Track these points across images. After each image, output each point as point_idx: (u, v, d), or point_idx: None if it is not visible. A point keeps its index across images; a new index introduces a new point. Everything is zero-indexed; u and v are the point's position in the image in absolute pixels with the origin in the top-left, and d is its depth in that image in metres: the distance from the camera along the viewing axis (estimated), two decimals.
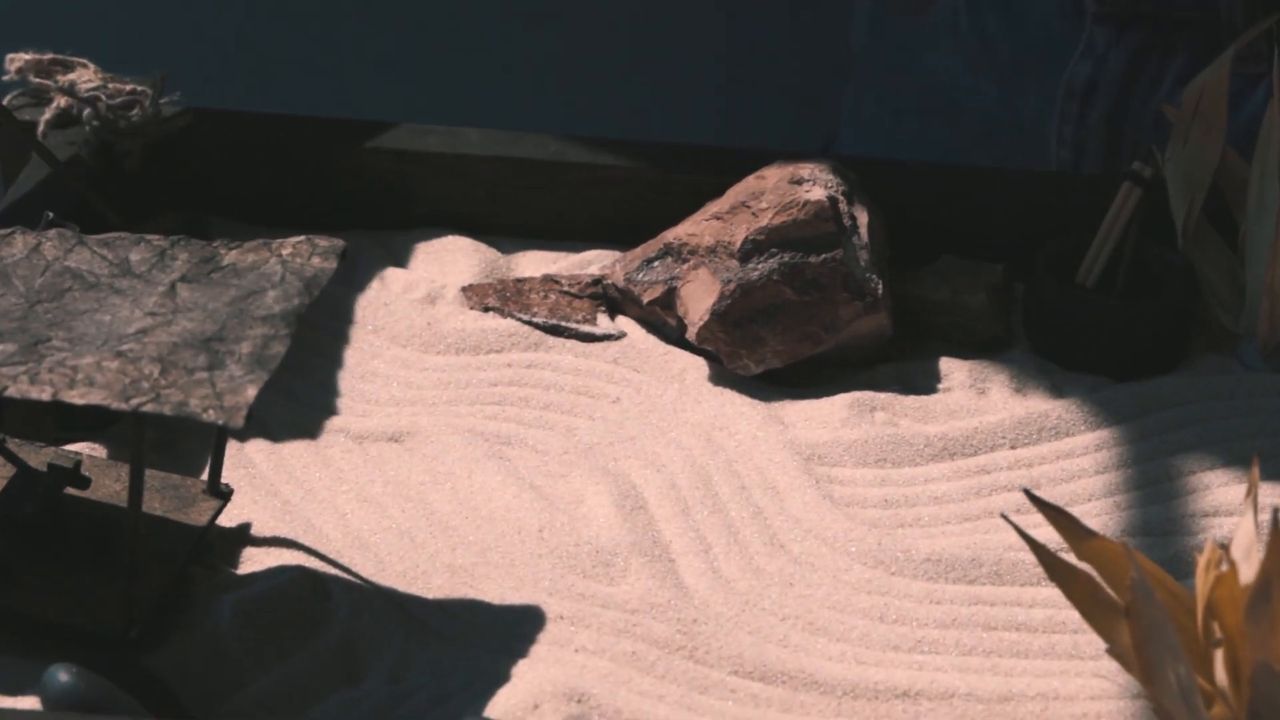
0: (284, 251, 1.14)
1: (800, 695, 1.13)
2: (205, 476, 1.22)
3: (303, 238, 1.15)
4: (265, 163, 1.46)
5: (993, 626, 1.17)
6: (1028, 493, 1.00)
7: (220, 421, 1.03)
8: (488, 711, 1.10)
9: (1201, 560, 0.99)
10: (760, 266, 1.32)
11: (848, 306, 1.33)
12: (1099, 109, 1.61)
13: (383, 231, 1.46)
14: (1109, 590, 1.01)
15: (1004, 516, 0.99)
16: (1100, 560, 1.01)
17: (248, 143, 1.45)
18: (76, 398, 1.03)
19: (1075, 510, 1.25)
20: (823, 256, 1.32)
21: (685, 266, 1.36)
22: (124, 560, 1.09)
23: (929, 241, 1.41)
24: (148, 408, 1.04)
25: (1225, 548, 0.97)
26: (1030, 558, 1.19)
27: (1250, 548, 0.98)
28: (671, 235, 1.37)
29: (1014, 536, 1.22)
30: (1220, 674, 0.99)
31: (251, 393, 1.05)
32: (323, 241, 1.15)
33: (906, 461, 1.28)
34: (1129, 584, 0.96)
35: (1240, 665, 0.97)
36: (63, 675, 1.03)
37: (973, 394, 1.34)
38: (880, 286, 1.33)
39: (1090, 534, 1.01)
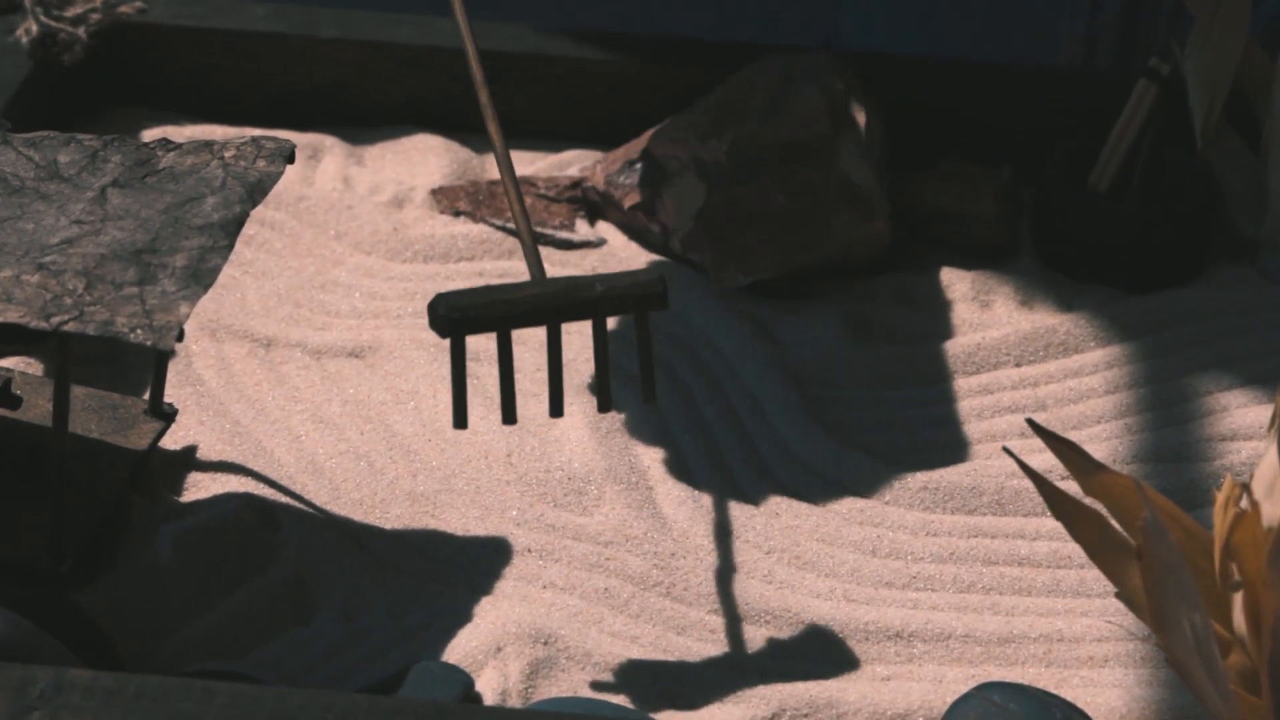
0: (227, 154, 1.05)
1: (785, 635, 1.05)
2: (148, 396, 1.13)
3: (248, 139, 1.06)
4: (222, 55, 1.37)
5: (993, 561, 1.09)
6: (1031, 422, 0.92)
7: (149, 342, 0.95)
8: (447, 654, 1.02)
9: (1220, 497, 0.90)
10: (750, 170, 1.23)
11: (843, 214, 1.24)
12: (1113, 1, 1.52)
13: (348, 128, 1.37)
14: (1118, 529, 0.93)
15: (1006, 450, 0.91)
16: (1109, 496, 0.93)
17: (203, 33, 1.36)
18: None
19: (1083, 434, 1.17)
20: (816, 160, 1.24)
21: (670, 169, 1.27)
22: (51, 489, 1.01)
23: (932, 144, 1.33)
24: (70, 326, 0.95)
25: (1246, 486, 0.89)
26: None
27: (1273, 484, 0.89)
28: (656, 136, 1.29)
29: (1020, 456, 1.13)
30: (1239, 619, 0.91)
31: (184, 310, 0.96)
32: (269, 143, 1.06)
33: (903, 381, 1.20)
34: (1141, 524, 0.88)
35: (1261, 614, 0.89)
36: None
37: (975, 307, 1.25)
38: (878, 192, 1.25)
39: (1099, 467, 0.93)
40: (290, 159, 1.05)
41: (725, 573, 1.07)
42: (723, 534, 1.09)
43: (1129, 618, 1.04)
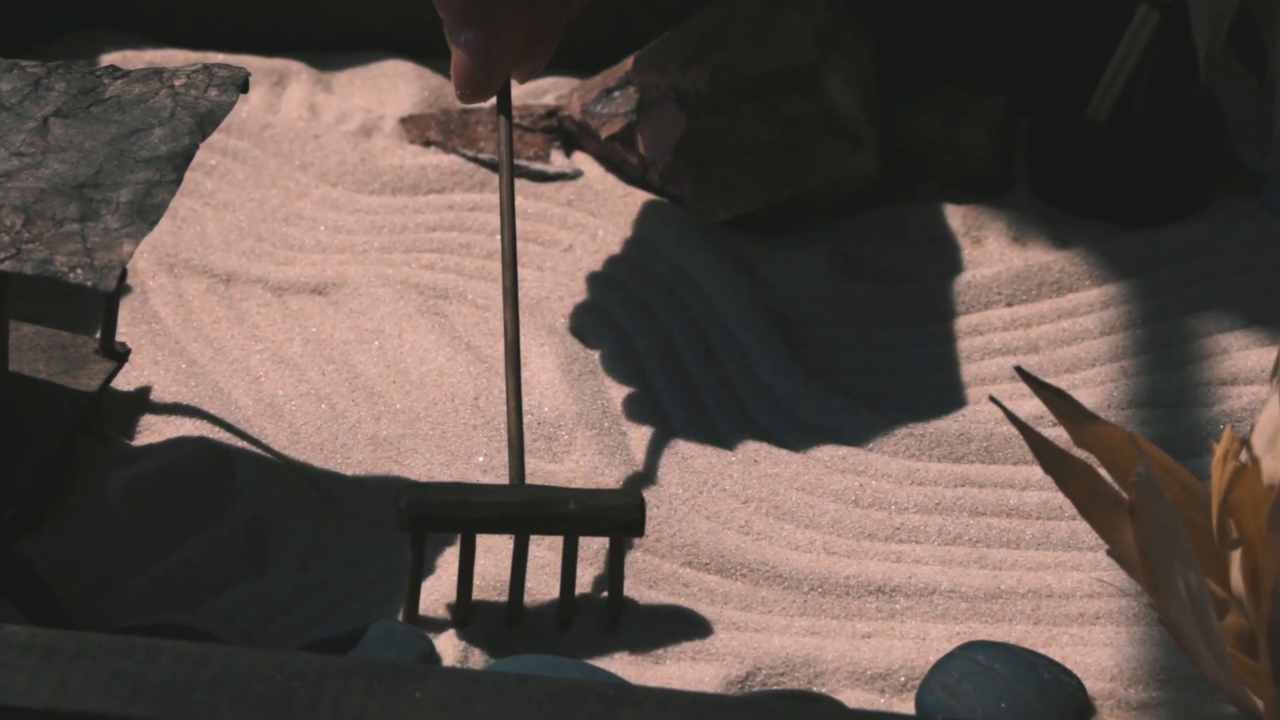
0: (177, 82, 1.00)
1: (762, 590, 1.00)
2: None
3: (199, 66, 1.01)
4: None
5: (980, 512, 1.04)
6: (1019, 370, 0.87)
7: (89, 282, 0.90)
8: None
9: (1218, 450, 0.86)
10: (731, 100, 1.18)
11: (829, 145, 1.19)
12: None
13: (316, 54, 1.31)
14: (1111, 483, 0.88)
15: (993, 400, 0.86)
16: (1102, 448, 0.89)
17: None
18: None
19: (1077, 377, 1.12)
20: (802, 90, 1.19)
21: (649, 98, 1.22)
22: None
23: (923, 71, 1.27)
24: (5, 265, 0.91)
25: (1246, 442, 0.84)
26: None
27: (1274, 438, 0.85)
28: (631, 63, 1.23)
29: (1009, 403, 1.09)
30: (1236, 579, 0.87)
31: (127, 249, 0.91)
32: (222, 71, 1.01)
33: (890, 322, 1.15)
34: (1134, 479, 0.83)
35: (1260, 574, 0.85)
36: None
37: (967, 243, 1.20)
38: (866, 123, 1.20)
39: (1091, 418, 0.88)
40: (244, 88, 1.00)
41: (700, 523, 1.03)
42: (698, 482, 1.05)
43: (1121, 575, 0.99)
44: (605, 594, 0.98)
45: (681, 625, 0.98)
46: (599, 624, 0.97)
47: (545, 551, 1.01)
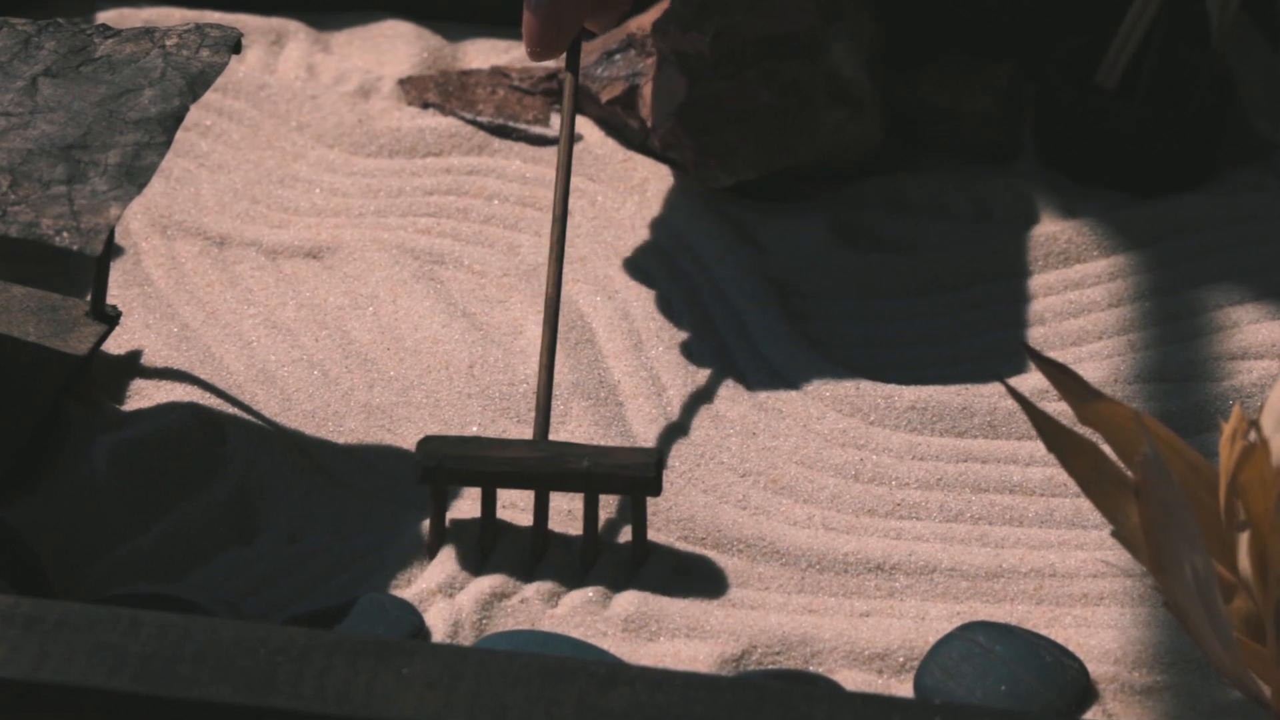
0: (168, 43, 0.98)
1: (758, 566, 0.99)
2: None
3: (192, 26, 0.99)
4: None
5: (983, 488, 1.02)
6: (1024, 345, 0.85)
7: (75, 246, 0.88)
8: (396, 580, 0.96)
9: (1227, 429, 0.84)
10: (733, 64, 1.16)
11: (832, 112, 1.17)
12: None
13: (314, 13, 1.29)
14: (1116, 462, 0.86)
15: (999, 379, 0.84)
16: (1107, 426, 0.86)
17: None
18: None
19: (1084, 350, 1.10)
20: (804, 54, 1.16)
21: (649, 61, 1.20)
22: None
23: (930, 36, 1.25)
24: None
25: (1255, 422, 0.82)
26: None
27: None
28: (636, 25, 1.21)
29: (1014, 377, 1.07)
30: (1244, 562, 0.85)
31: (114, 212, 0.89)
32: (214, 31, 0.99)
33: (892, 292, 1.13)
34: (1139, 459, 0.81)
35: (1268, 557, 0.83)
36: None
37: (971, 213, 1.18)
38: (870, 89, 1.17)
39: (1096, 395, 0.86)
40: (236, 49, 0.98)
41: (696, 497, 1.01)
42: (695, 455, 1.03)
43: (1126, 555, 0.97)
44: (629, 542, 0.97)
45: (676, 601, 0.96)
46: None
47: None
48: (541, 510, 0.96)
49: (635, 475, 0.95)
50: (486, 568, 0.96)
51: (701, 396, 1.06)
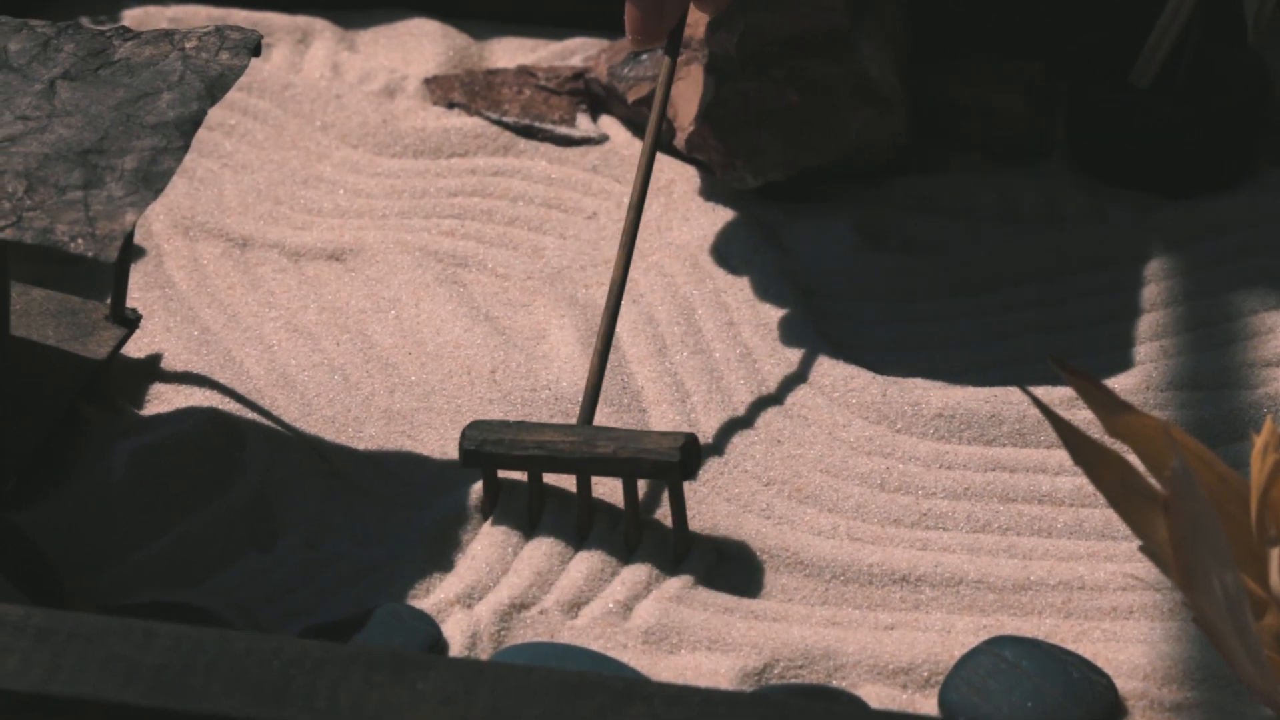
0: (188, 45, 0.97)
1: (781, 577, 0.97)
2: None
3: (212, 28, 0.98)
4: None
5: (1011, 498, 1.01)
6: (1053, 356, 0.84)
7: (89, 253, 0.87)
8: (414, 590, 0.95)
9: (1259, 442, 0.82)
10: (759, 64, 1.14)
11: (859, 111, 1.15)
12: None
13: (340, 11, 1.28)
14: (1145, 475, 0.85)
15: (1024, 389, 0.82)
16: (1136, 438, 0.85)
17: None
18: None
19: (1114, 357, 1.08)
20: (831, 53, 1.15)
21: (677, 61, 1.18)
22: None
23: (957, 33, 1.23)
24: (6, 234, 0.88)
25: None
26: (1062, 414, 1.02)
27: None
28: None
29: (1044, 384, 1.05)
30: (1274, 577, 0.83)
31: (130, 219, 0.88)
32: (234, 33, 0.98)
33: (920, 295, 1.11)
34: (1168, 474, 0.80)
35: None
36: None
37: (1000, 214, 1.16)
38: (898, 88, 1.16)
39: (1124, 407, 0.85)
40: (256, 51, 0.97)
41: (719, 505, 1.00)
42: (719, 462, 1.02)
43: (1155, 569, 0.96)
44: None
45: (698, 612, 0.95)
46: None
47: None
48: (584, 491, 0.97)
49: (661, 459, 0.95)
50: (535, 534, 0.97)
51: (725, 402, 1.05)
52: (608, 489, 0.99)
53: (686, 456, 0.95)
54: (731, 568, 0.97)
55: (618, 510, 0.98)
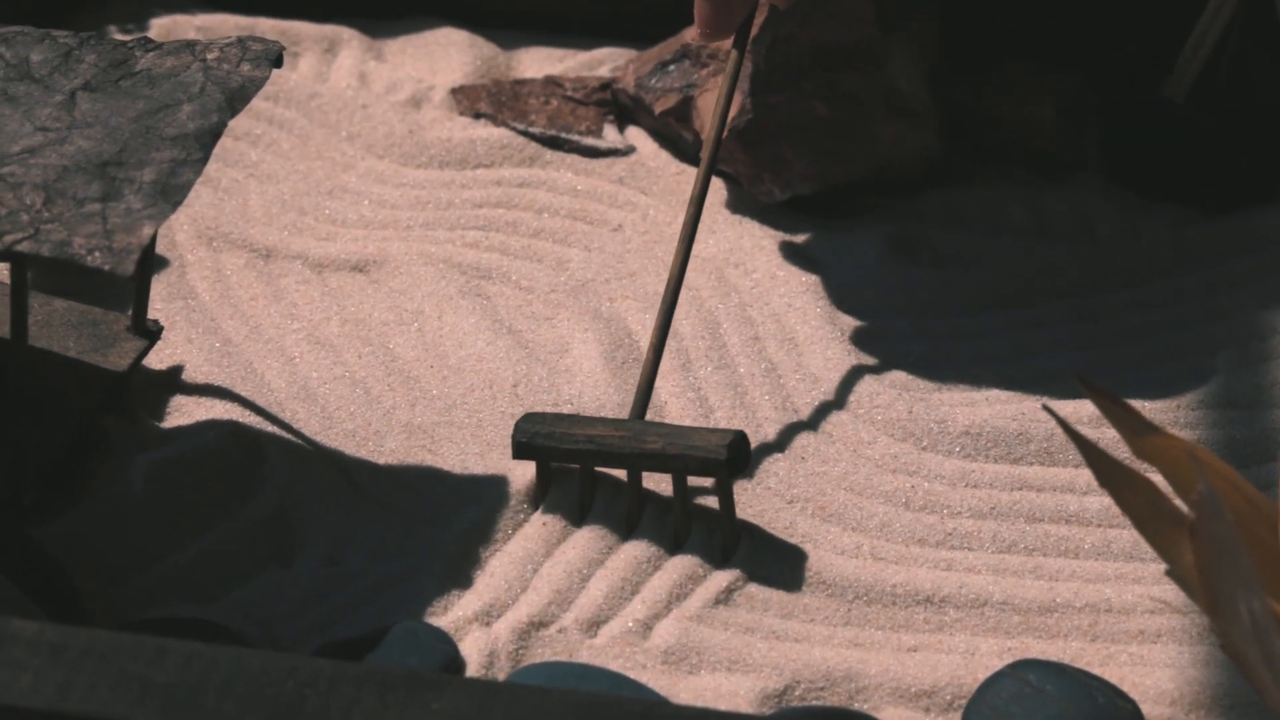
0: (209, 56, 0.96)
1: (803, 597, 0.96)
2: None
3: (234, 39, 0.97)
4: None
5: (1038, 518, 0.99)
6: (1079, 375, 0.82)
7: (106, 266, 0.86)
8: (432, 607, 0.94)
9: None
10: (788, 76, 1.13)
11: (889, 124, 1.14)
12: None
13: (368, 20, 1.27)
14: (1172, 498, 0.84)
15: (1047, 409, 0.81)
16: (1163, 460, 0.83)
17: None
18: None
19: (1146, 375, 1.07)
20: (861, 65, 1.14)
21: (704, 72, 1.17)
22: (9, 417, 0.93)
23: (989, 43, 1.22)
24: (24, 246, 0.87)
25: None
26: (1089, 432, 1.01)
27: None
28: (691, 35, 1.19)
29: (1072, 401, 1.04)
30: None
31: (147, 231, 0.88)
32: (255, 44, 0.97)
33: (949, 311, 1.10)
34: (1195, 498, 0.79)
35: None
36: None
37: (1032, 228, 1.15)
38: (928, 100, 1.15)
39: (1151, 429, 0.83)
40: (278, 63, 0.97)
41: (742, 524, 0.98)
42: (741, 480, 1.01)
43: (1182, 594, 0.94)
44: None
45: (718, 632, 0.94)
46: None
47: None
48: (634, 484, 0.98)
49: (707, 456, 0.95)
50: (585, 522, 0.98)
51: (749, 418, 1.04)
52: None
53: (734, 454, 0.95)
54: (753, 587, 0.96)
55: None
